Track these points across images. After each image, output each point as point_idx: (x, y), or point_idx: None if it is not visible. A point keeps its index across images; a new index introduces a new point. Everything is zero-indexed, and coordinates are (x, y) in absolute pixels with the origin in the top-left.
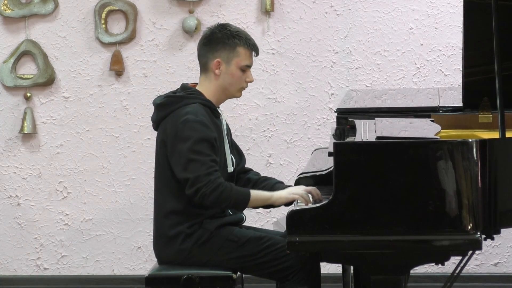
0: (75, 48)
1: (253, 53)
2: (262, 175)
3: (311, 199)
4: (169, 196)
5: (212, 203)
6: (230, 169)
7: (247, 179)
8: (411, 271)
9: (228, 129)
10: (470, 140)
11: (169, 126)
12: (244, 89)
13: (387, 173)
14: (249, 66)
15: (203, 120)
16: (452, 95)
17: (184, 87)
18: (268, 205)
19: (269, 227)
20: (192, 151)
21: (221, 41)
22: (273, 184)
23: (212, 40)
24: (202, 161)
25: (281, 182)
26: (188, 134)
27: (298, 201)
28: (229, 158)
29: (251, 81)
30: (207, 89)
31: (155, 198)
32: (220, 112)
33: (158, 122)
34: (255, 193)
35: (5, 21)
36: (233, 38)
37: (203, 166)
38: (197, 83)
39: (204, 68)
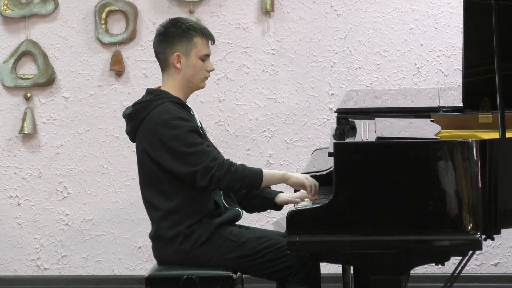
0: (75, 48)
1: (210, 41)
2: None
3: (313, 195)
4: (160, 200)
5: (227, 185)
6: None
7: None
8: (411, 271)
9: (201, 124)
10: (470, 140)
11: (147, 132)
12: (207, 78)
13: (387, 173)
14: (208, 55)
15: (179, 115)
16: (452, 95)
17: (149, 91)
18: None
19: (269, 227)
20: (185, 145)
21: (177, 35)
22: (263, 188)
23: (168, 35)
24: (200, 151)
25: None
26: (172, 133)
27: (301, 198)
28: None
29: (212, 70)
30: (171, 86)
31: (146, 205)
32: (190, 106)
33: (133, 132)
34: (268, 171)
35: (5, 21)
36: (188, 30)
37: (204, 155)
38: (161, 86)
39: (165, 64)
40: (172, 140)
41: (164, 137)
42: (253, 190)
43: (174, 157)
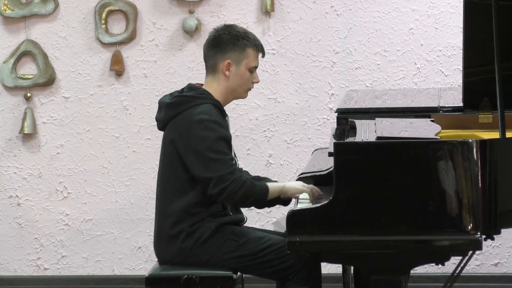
0: (75, 48)
1: (260, 54)
2: (261, 175)
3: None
4: (174, 195)
5: (238, 200)
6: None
7: None
8: (411, 271)
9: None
10: (470, 140)
11: (181, 125)
12: (250, 90)
13: (387, 173)
14: (256, 67)
15: (217, 119)
16: (452, 95)
17: (191, 87)
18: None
19: (269, 227)
20: (211, 150)
21: (231, 43)
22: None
23: (221, 41)
24: (223, 160)
25: (275, 181)
26: (205, 134)
27: (299, 201)
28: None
29: (257, 82)
30: (215, 90)
31: (158, 196)
32: (226, 113)
33: (166, 121)
34: (271, 186)
35: (5, 21)
36: (242, 39)
37: (225, 165)
38: (201, 84)
39: (213, 69)
40: (201, 140)
41: (195, 135)
42: (259, 204)
43: (197, 158)
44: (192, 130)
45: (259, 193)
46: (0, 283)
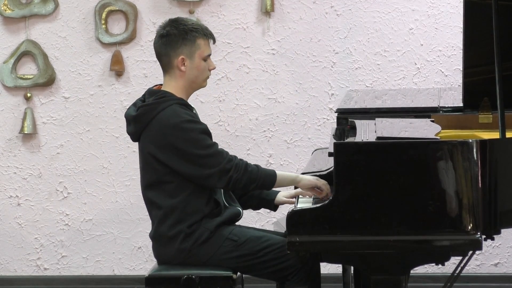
0: (75, 48)
1: (211, 41)
2: None
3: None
4: (164, 199)
5: (244, 185)
6: None
7: None
8: (411, 271)
9: None
10: (470, 141)
11: (155, 135)
12: (208, 77)
13: (387, 173)
14: (209, 55)
15: (188, 118)
16: (452, 95)
17: (151, 92)
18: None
19: (269, 227)
20: (198, 148)
21: (180, 38)
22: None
23: (170, 38)
24: (214, 152)
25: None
26: (183, 136)
27: (299, 200)
28: None
29: (213, 68)
30: (175, 87)
31: (148, 205)
32: (192, 106)
33: (138, 134)
34: (280, 173)
35: (5, 21)
36: (191, 32)
37: (219, 157)
38: (160, 85)
39: (167, 67)
40: (185, 143)
41: (176, 141)
42: (266, 189)
43: (187, 160)
44: (169, 136)
45: (265, 177)
46: (0, 283)
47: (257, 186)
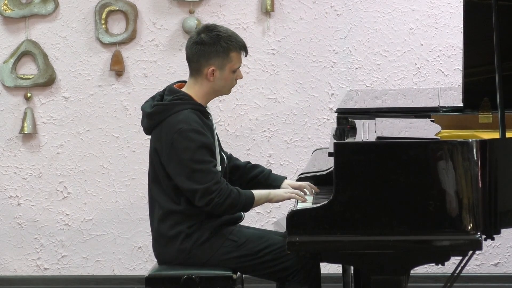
0: (76, 48)
1: (243, 53)
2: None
3: (308, 194)
4: (166, 199)
5: (224, 210)
6: (219, 168)
7: (234, 166)
8: (411, 271)
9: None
10: (470, 141)
11: (163, 135)
12: (234, 86)
13: (387, 173)
14: (239, 67)
15: (197, 127)
16: (452, 95)
17: (171, 90)
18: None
19: (269, 227)
20: (193, 161)
21: (214, 49)
22: (268, 176)
23: (204, 47)
24: (206, 170)
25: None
26: (185, 144)
27: (299, 200)
28: (219, 157)
29: (241, 78)
30: (197, 92)
31: (151, 200)
32: (209, 111)
33: (149, 129)
34: (257, 193)
35: (5, 21)
36: (225, 44)
37: (209, 175)
38: (184, 82)
39: (196, 72)
40: (183, 151)
41: (178, 146)
42: (245, 212)
43: (179, 168)
44: (173, 141)
45: (245, 202)
46: (0, 283)
47: (237, 210)
